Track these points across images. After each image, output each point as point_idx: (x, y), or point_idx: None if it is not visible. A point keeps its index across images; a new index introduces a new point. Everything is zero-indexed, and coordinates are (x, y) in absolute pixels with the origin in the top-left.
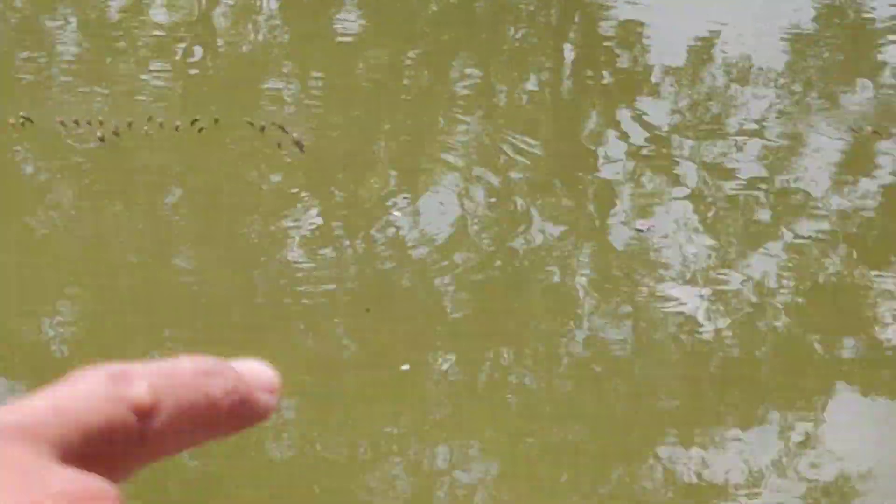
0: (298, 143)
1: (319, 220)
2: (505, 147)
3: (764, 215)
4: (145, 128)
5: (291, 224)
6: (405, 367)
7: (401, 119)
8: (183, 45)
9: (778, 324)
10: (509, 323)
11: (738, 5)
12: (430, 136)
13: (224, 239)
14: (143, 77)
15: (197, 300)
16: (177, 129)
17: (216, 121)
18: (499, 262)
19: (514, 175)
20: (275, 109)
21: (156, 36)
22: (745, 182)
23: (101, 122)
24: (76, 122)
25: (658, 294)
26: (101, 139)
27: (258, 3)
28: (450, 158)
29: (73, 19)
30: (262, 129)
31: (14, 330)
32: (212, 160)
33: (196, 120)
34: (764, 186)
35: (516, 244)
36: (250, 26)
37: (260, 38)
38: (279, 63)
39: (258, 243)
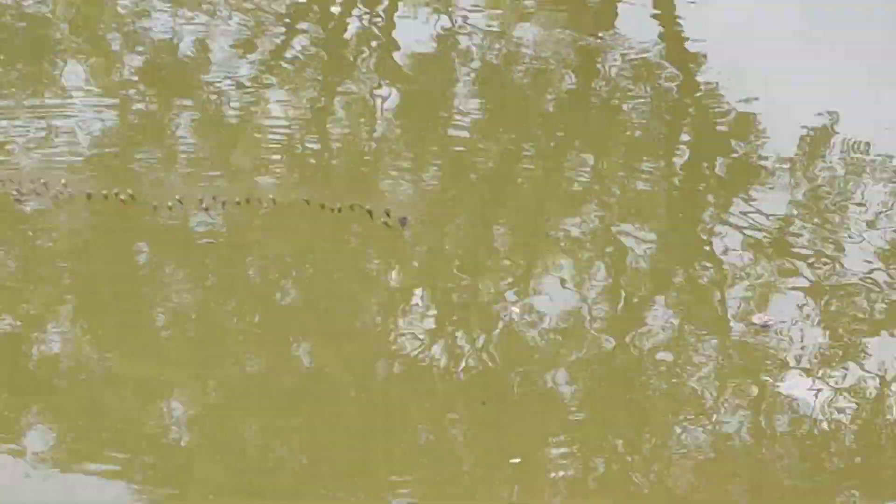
0: (403, 221)
1: (434, 312)
2: (620, 237)
3: (882, 307)
4: (262, 211)
5: (406, 316)
6: (515, 459)
7: (515, 209)
8: (298, 135)
9: None
10: (622, 413)
11: (851, 95)
12: (544, 227)
13: (342, 332)
14: (259, 165)
15: (311, 395)
16: (286, 206)
17: (322, 206)
18: (615, 354)
19: (628, 266)
20: (388, 196)
21: (272, 126)
22: (863, 273)
23: (221, 203)
24: (198, 201)
25: (776, 386)
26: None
27: (372, 99)
28: (564, 249)
29: (193, 112)
30: (371, 212)
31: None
32: (325, 244)
33: (307, 201)
34: (883, 278)
35: (632, 336)
36: (363, 120)
37: (376, 130)
38: (394, 153)
39: (374, 334)
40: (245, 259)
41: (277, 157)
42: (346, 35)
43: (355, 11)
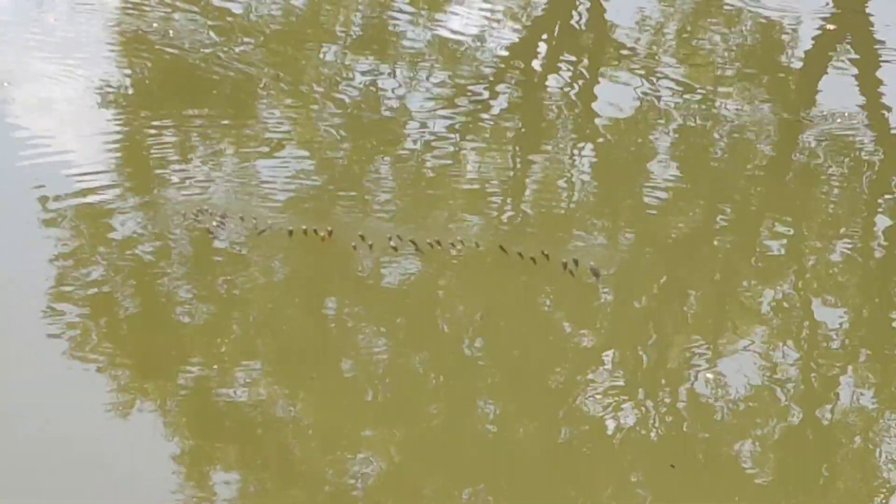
0: (595, 272)
1: (621, 374)
2: (815, 312)
3: None
4: (453, 251)
5: (596, 373)
6: None
7: (708, 273)
8: (496, 198)
9: None
10: (811, 483)
11: None
12: (736, 293)
13: (530, 386)
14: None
15: (496, 454)
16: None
17: (519, 254)
18: (806, 430)
19: (820, 342)
20: (581, 253)
21: (468, 189)
22: None
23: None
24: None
25: None
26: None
27: (568, 161)
28: (755, 319)
29: (388, 169)
30: (565, 265)
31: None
32: (516, 292)
33: (502, 248)
34: None
35: (823, 412)
36: (562, 182)
37: (573, 194)
38: (589, 209)
39: (560, 393)
40: (435, 306)
41: (475, 206)
42: (547, 91)
43: (558, 67)
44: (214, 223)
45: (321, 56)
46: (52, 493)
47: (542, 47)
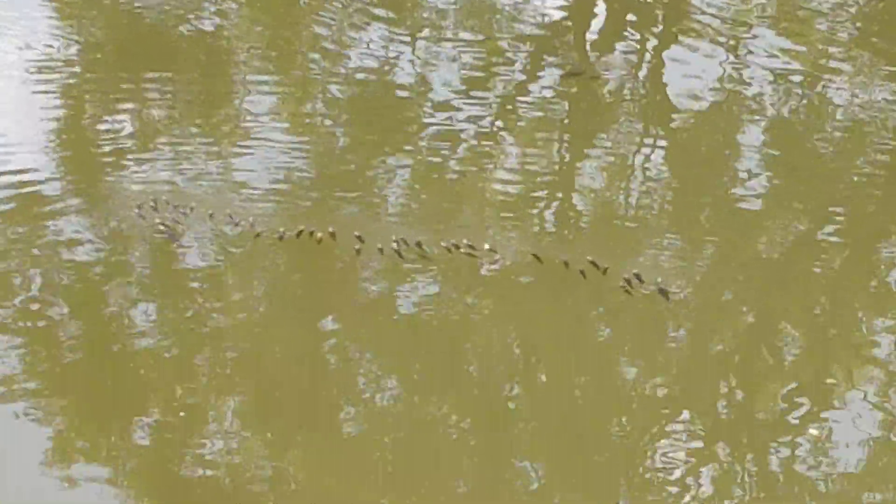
0: (662, 292)
1: (698, 429)
2: None
3: None
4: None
5: (664, 435)
6: None
7: (805, 301)
8: (543, 199)
9: None
10: None
11: None
12: (840, 327)
13: (583, 448)
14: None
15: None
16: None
17: (581, 272)
18: None
19: None
20: (645, 268)
21: (507, 192)
22: None
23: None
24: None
25: None
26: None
27: (631, 156)
28: (871, 361)
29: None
30: (629, 281)
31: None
32: (574, 308)
33: (567, 263)
34: None
35: None
36: (623, 177)
37: (640, 187)
38: (658, 214)
39: (619, 458)
40: (468, 325)
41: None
42: (605, 65)
43: (621, 35)
44: (175, 223)
45: (319, 15)
46: None
47: (600, 6)
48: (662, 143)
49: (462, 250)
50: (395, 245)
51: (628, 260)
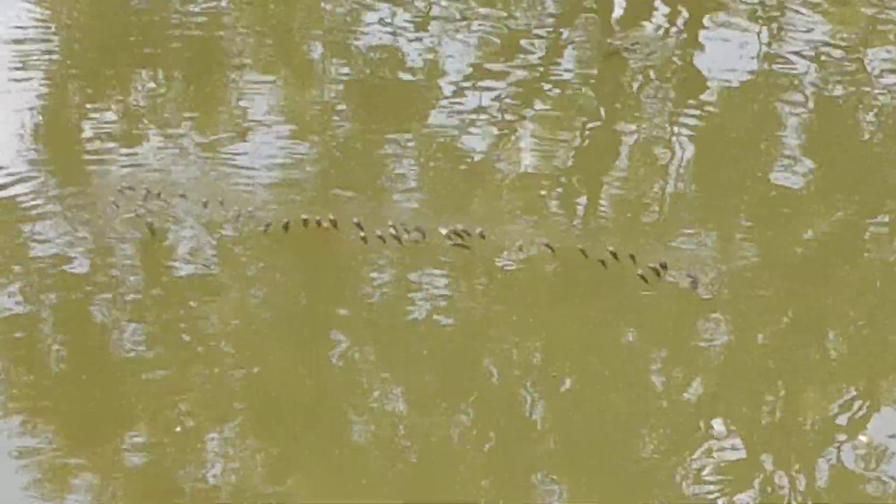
0: (693, 284)
1: (734, 439)
2: None
3: None
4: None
5: (697, 445)
6: None
7: (850, 304)
8: (557, 189)
9: None
10: None
11: None
12: (887, 333)
13: (609, 462)
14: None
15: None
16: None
17: (609, 259)
18: None
19: None
20: (683, 261)
21: (522, 181)
22: None
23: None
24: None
25: None
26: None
27: (662, 140)
28: None
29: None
30: (656, 271)
31: None
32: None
33: (584, 254)
34: None
35: None
36: (654, 163)
37: (673, 175)
38: (690, 203)
39: (650, 471)
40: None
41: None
42: (633, 43)
43: (651, 8)
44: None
45: None
46: None
47: None
48: (692, 124)
49: (471, 237)
50: (392, 231)
51: (656, 252)
